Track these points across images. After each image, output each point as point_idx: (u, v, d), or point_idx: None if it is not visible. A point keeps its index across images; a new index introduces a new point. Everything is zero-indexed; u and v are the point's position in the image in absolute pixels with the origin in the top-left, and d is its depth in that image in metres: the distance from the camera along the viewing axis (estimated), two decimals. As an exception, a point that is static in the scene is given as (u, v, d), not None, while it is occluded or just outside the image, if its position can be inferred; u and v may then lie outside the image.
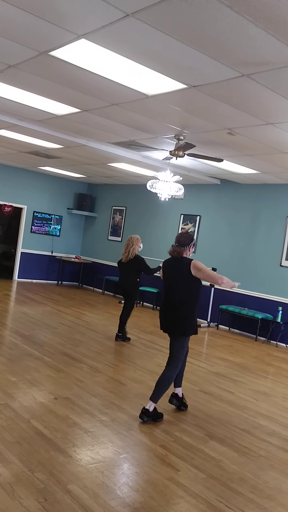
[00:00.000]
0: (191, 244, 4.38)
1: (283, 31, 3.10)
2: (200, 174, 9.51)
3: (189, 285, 4.27)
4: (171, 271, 4.40)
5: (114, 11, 3.18)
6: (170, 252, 4.39)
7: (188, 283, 4.26)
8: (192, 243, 4.38)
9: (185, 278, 4.24)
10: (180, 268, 4.28)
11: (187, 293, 4.28)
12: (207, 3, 2.89)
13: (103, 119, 6.09)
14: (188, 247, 4.35)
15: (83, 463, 3.29)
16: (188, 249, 4.36)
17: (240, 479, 3.40)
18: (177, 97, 4.76)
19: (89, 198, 13.54)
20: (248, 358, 7.36)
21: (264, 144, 6.20)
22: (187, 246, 4.33)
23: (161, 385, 4.27)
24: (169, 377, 4.32)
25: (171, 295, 4.35)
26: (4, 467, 3.07)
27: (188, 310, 4.29)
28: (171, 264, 4.42)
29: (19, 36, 3.82)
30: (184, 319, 4.27)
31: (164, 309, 4.42)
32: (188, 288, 4.28)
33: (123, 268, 7.29)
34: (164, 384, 4.28)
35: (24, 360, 5.53)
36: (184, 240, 4.34)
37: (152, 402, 4.24)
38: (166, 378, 4.30)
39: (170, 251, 4.38)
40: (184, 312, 4.27)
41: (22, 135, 7.75)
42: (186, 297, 4.29)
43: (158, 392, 4.25)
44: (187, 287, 4.28)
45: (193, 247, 4.42)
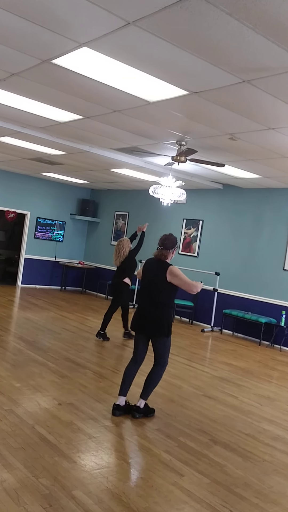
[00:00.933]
0: (175, 247, 4.46)
1: (283, 37, 3.12)
2: (202, 179, 9.54)
3: (166, 289, 4.35)
4: (151, 273, 4.47)
5: (115, 19, 3.21)
6: (156, 254, 4.46)
7: (165, 286, 4.34)
8: (176, 246, 4.47)
9: (162, 282, 4.33)
10: (160, 271, 4.35)
11: (164, 296, 4.37)
12: (208, 10, 2.92)
13: (105, 125, 6.13)
14: (172, 250, 4.43)
15: (88, 469, 3.29)
16: (172, 252, 4.44)
17: (245, 484, 3.40)
18: (179, 103, 4.80)
19: (92, 204, 13.59)
20: (252, 363, 7.35)
21: (266, 149, 6.22)
22: (171, 249, 4.41)
23: (151, 382, 4.46)
24: (158, 375, 4.49)
25: (150, 296, 4.40)
26: (9, 473, 3.08)
27: (167, 312, 4.40)
28: (152, 266, 4.49)
29: (22, 44, 3.87)
30: (161, 320, 4.35)
31: (142, 310, 4.45)
32: (166, 291, 4.36)
33: (118, 270, 7.60)
34: (153, 381, 4.47)
35: (28, 366, 5.54)
36: (169, 244, 4.41)
37: (142, 400, 4.42)
38: (156, 376, 4.47)
39: (157, 254, 4.45)
40: (163, 314, 4.36)
41: (25, 142, 7.80)
42: (163, 299, 4.37)
43: (147, 390, 4.45)
44: (165, 290, 4.36)
45: (176, 249, 4.49)
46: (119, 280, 7.51)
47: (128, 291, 7.73)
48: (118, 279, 7.54)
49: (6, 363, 5.56)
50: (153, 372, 4.48)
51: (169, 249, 4.40)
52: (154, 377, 4.47)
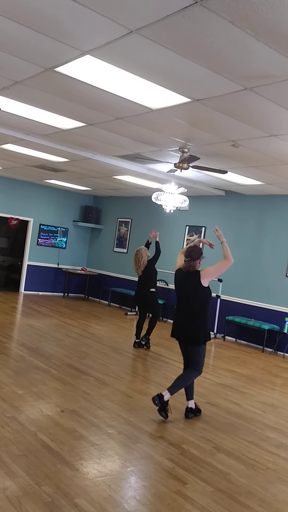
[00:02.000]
0: (201, 257, 4.75)
1: (285, 45, 3.14)
2: (204, 186, 9.55)
3: (201, 296, 4.65)
4: (184, 283, 4.75)
5: (118, 28, 3.24)
6: (186, 267, 4.71)
7: (200, 293, 4.63)
8: (201, 256, 4.75)
9: (197, 289, 4.62)
10: (193, 280, 4.63)
11: (200, 303, 4.65)
12: (209, 19, 2.94)
13: (108, 133, 6.16)
14: (199, 260, 4.72)
15: (90, 476, 3.28)
16: (199, 262, 4.73)
17: (248, 492, 3.37)
18: (181, 110, 4.82)
19: (95, 211, 13.62)
20: (255, 370, 7.32)
21: (268, 156, 6.23)
22: (197, 259, 4.70)
23: (181, 380, 4.65)
24: (191, 376, 4.70)
25: (185, 306, 4.71)
26: (11, 481, 3.06)
27: (203, 319, 4.66)
28: (183, 277, 4.75)
29: (25, 53, 3.90)
30: (198, 329, 4.63)
31: (180, 320, 4.75)
32: (201, 298, 4.66)
33: (140, 280, 7.75)
34: (184, 380, 4.66)
35: (30, 372, 5.53)
36: (195, 255, 4.69)
37: (168, 392, 4.54)
38: (187, 376, 4.69)
39: (186, 266, 4.70)
40: (200, 322, 4.64)
41: (28, 149, 7.84)
42: (200, 307, 4.65)
43: (176, 385, 4.61)
44: (200, 298, 4.65)
45: (202, 259, 4.78)
46: (145, 290, 7.65)
47: (156, 299, 7.88)
48: (143, 290, 7.69)
49: (8, 370, 5.55)
50: (186, 372, 4.74)
51: (196, 260, 4.67)
52: (185, 376, 4.68)
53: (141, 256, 7.59)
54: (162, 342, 8.37)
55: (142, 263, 7.57)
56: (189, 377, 4.70)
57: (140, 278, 7.74)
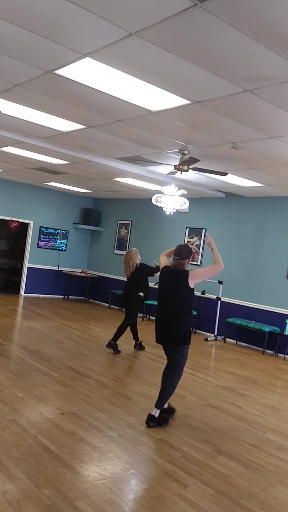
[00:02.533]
0: (190, 257, 4.59)
1: (284, 47, 3.14)
2: (204, 188, 9.56)
3: (187, 296, 4.49)
4: (170, 281, 4.58)
5: (118, 30, 3.24)
6: (174, 265, 4.57)
7: (186, 294, 4.48)
8: (191, 255, 4.59)
9: (184, 290, 4.46)
10: (180, 280, 4.48)
11: (184, 303, 4.49)
12: (209, 21, 2.95)
13: (108, 135, 6.16)
14: (188, 260, 4.56)
15: (91, 479, 3.27)
16: (188, 262, 4.57)
17: (249, 495, 3.36)
18: (181, 112, 4.82)
19: (95, 213, 13.62)
20: (256, 372, 7.31)
21: (268, 158, 6.23)
22: (187, 259, 4.55)
23: (165, 392, 4.49)
24: (173, 385, 4.54)
25: (168, 306, 4.51)
26: (11, 484, 3.05)
27: (187, 320, 4.50)
28: (170, 275, 4.60)
29: (25, 55, 3.90)
30: (183, 329, 4.46)
31: (162, 320, 4.57)
32: (186, 299, 4.50)
33: (128, 283, 7.50)
34: (167, 391, 4.50)
35: (31, 375, 5.52)
36: (185, 254, 4.54)
37: (157, 409, 4.43)
38: (170, 386, 4.52)
39: (175, 264, 4.56)
40: (183, 322, 4.47)
41: (28, 151, 7.85)
42: (183, 307, 4.48)
43: (162, 399, 4.47)
44: (185, 298, 4.50)
45: (191, 259, 4.61)
46: (132, 294, 7.37)
47: (139, 306, 7.60)
48: (130, 293, 7.41)
49: (9, 372, 5.54)
50: (167, 381, 4.53)
51: (185, 259, 4.53)
52: (168, 386, 4.52)
53: (131, 258, 7.35)
54: (163, 344, 8.35)
55: (131, 265, 7.33)
56: (172, 384, 4.53)
57: (129, 281, 7.46)
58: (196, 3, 2.77)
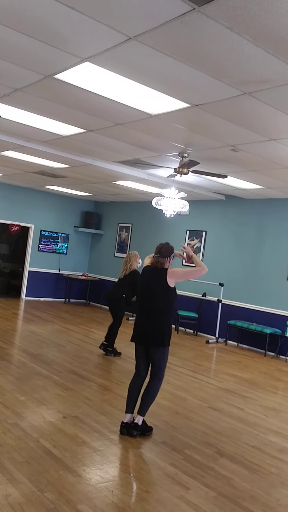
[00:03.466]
0: (172, 256, 4.42)
1: (283, 50, 3.16)
2: (204, 190, 9.57)
3: (166, 295, 4.31)
4: (149, 281, 4.42)
5: (116, 34, 3.26)
6: (153, 262, 4.41)
7: (165, 293, 4.30)
8: (172, 254, 4.42)
9: (163, 288, 4.29)
10: (159, 278, 4.32)
11: (165, 303, 4.31)
12: (207, 25, 2.96)
13: (108, 138, 6.18)
14: (169, 259, 4.39)
15: (93, 483, 3.27)
16: (169, 261, 4.39)
17: (251, 497, 3.36)
18: (180, 116, 4.84)
19: (96, 216, 13.64)
20: (257, 374, 7.30)
21: (268, 160, 6.25)
22: (167, 257, 4.37)
23: (148, 397, 4.31)
24: (156, 389, 4.34)
25: (149, 305, 4.34)
26: (13, 487, 3.06)
27: (167, 320, 4.31)
28: (150, 274, 4.43)
29: (25, 60, 3.92)
30: (162, 329, 4.28)
31: (143, 319, 4.38)
32: (166, 298, 4.32)
33: (118, 282, 7.43)
34: (150, 396, 4.32)
35: (32, 379, 5.53)
36: (165, 252, 4.38)
37: (140, 416, 4.26)
38: (153, 390, 4.33)
39: (153, 262, 4.40)
40: (163, 322, 4.29)
41: (28, 155, 7.87)
42: (164, 307, 4.30)
43: (145, 405, 4.29)
44: (165, 297, 4.32)
45: (173, 258, 4.44)
46: (117, 293, 7.30)
47: (123, 306, 7.45)
48: (114, 293, 7.34)
49: (10, 376, 5.55)
50: (150, 386, 4.34)
51: (166, 257, 4.35)
52: (151, 391, 4.33)
53: (129, 260, 7.30)
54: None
55: (128, 267, 7.27)
56: (155, 389, 4.34)
57: (120, 281, 7.36)
58: (194, 8, 2.79)
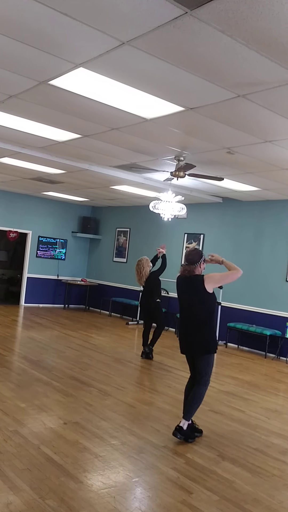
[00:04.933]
0: (201, 260, 4.30)
1: (275, 52, 3.17)
2: (202, 193, 9.58)
3: (206, 303, 4.25)
4: (186, 291, 4.36)
5: (110, 40, 3.27)
6: (181, 272, 4.35)
7: (204, 300, 4.23)
8: (202, 259, 4.31)
9: (202, 296, 4.21)
10: (195, 287, 4.24)
11: (205, 311, 4.26)
12: (200, 29, 2.97)
13: (104, 143, 6.19)
14: (199, 264, 4.28)
15: (94, 489, 3.25)
16: (199, 266, 4.29)
17: (254, 499, 3.35)
18: (176, 119, 4.85)
19: (93, 221, 13.64)
20: (258, 376, 7.29)
21: (264, 162, 6.26)
22: (197, 263, 4.27)
23: (193, 402, 4.29)
24: (201, 394, 4.31)
25: (190, 315, 4.30)
26: (15, 495, 3.04)
27: (209, 329, 4.29)
28: (185, 283, 4.36)
29: (19, 67, 3.93)
30: (207, 338, 4.25)
31: (184, 330, 4.37)
32: (206, 305, 4.26)
33: (145, 291, 7.66)
34: (195, 401, 4.29)
35: (32, 385, 5.51)
36: (193, 258, 4.27)
37: (185, 421, 4.25)
38: (198, 395, 4.30)
39: (181, 271, 4.34)
40: (206, 332, 4.25)
41: (25, 162, 7.87)
42: (205, 315, 4.25)
43: (190, 409, 4.27)
44: (205, 305, 4.25)
45: (204, 262, 4.34)
46: (149, 301, 7.56)
47: (161, 308, 7.80)
48: (147, 301, 7.60)
49: (10, 383, 5.53)
50: (195, 391, 4.30)
51: (195, 264, 4.26)
52: (196, 396, 4.29)
53: (143, 267, 7.49)
54: (164, 351, 8.34)
55: (144, 274, 7.47)
56: (200, 394, 4.30)
57: (145, 289, 7.65)
58: (187, 11, 2.80)
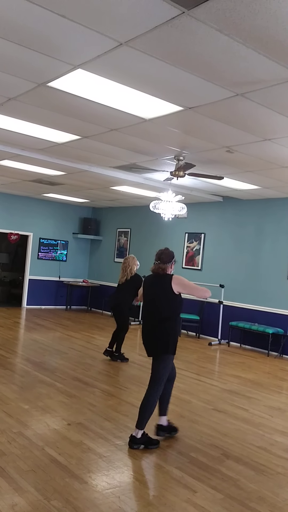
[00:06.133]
0: (173, 261, 4.34)
1: (273, 50, 3.18)
2: (202, 193, 9.59)
3: (171, 302, 4.19)
4: (153, 288, 4.32)
5: (108, 41, 3.28)
6: (153, 269, 4.34)
7: (170, 299, 4.18)
8: (173, 260, 4.34)
9: (168, 295, 4.17)
10: (162, 285, 4.21)
11: (169, 310, 4.19)
12: (197, 28, 2.98)
13: (103, 144, 6.20)
14: (170, 264, 4.31)
15: (99, 489, 3.26)
16: (170, 266, 4.31)
17: (259, 498, 3.35)
18: (174, 119, 4.86)
19: (94, 222, 13.66)
20: (261, 374, 7.29)
21: (263, 160, 6.26)
22: (168, 263, 4.29)
23: (144, 410, 4.08)
24: (152, 401, 4.11)
25: (153, 313, 4.23)
26: (20, 497, 3.05)
27: (171, 327, 4.17)
28: (153, 281, 4.35)
29: (18, 69, 3.94)
30: (167, 336, 4.12)
31: (145, 328, 4.28)
32: (170, 304, 4.19)
33: (119, 287, 7.38)
34: (146, 409, 4.08)
35: (36, 387, 5.52)
36: (166, 258, 4.30)
37: (138, 430, 4.05)
38: (149, 403, 4.09)
39: (154, 268, 4.33)
40: (167, 329, 4.14)
41: (25, 164, 7.89)
42: (168, 314, 4.17)
43: (142, 418, 4.07)
44: (170, 304, 4.19)
45: (174, 263, 4.37)
46: (120, 300, 7.27)
47: (127, 312, 7.40)
48: (118, 300, 7.30)
49: (13, 385, 5.54)
50: (145, 397, 4.13)
51: (167, 263, 4.27)
52: (145, 403, 4.10)
53: (128, 265, 7.25)
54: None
55: (128, 272, 7.21)
56: (153, 402, 4.11)
57: (120, 287, 7.31)
58: (184, 11, 2.81)
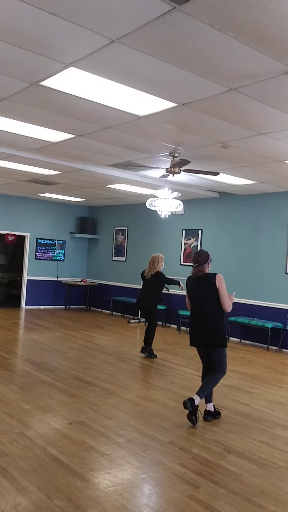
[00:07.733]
0: (209, 261, 4.77)
1: (265, 44, 3.17)
2: (198, 189, 9.58)
3: (217, 299, 4.66)
4: (198, 289, 4.77)
5: (99, 38, 3.27)
6: (194, 273, 4.76)
7: (216, 297, 4.65)
8: (209, 259, 4.78)
9: (214, 293, 4.64)
10: (208, 284, 4.67)
11: (217, 307, 4.67)
12: (189, 23, 2.97)
13: (98, 142, 6.19)
14: (207, 264, 4.74)
15: (102, 487, 3.26)
16: (207, 265, 4.76)
17: (262, 492, 3.35)
18: (168, 115, 4.85)
19: (91, 221, 13.64)
20: (261, 369, 7.30)
21: (259, 155, 6.26)
22: (205, 263, 4.73)
23: (207, 381, 4.69)
24: (217, 377, 4.73)
25: (203, 314, 4.71)
26: (22, 496, 3.05)
27: (221, 322, 4.72)
28: (196, 282, 4.78)
29: (9, 69, 3.92)
30: (220, 334, 4.68)
31: (198, 326, 4.76)
32: (217, 301, 4.66)
33: (145, 284, 7.61)
34: (209, 381, 4.69)
35: (36, 387, 5.51)
36: (202, 259, 4.73)
37: (198, 396, 4.56)
38: (214, 378, 4.72)
39: (194, 272, 4.75)
40: (219, 327, 4.68)
41: (20, 164, 7.87)
42: (217, 311, 4.68)
43: (203, 387, 4.65)
44: (217, 301, 4.66)
45: (210, 262, 4.79)
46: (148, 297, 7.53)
47: (156, 308, 7.72)
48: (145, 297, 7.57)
49: (14, 385, 5.53)
50: (212, 374, 4.74)
51: (203, 264, 4.70)
52: (212, 378, 4.70)
53: (157, 261, 7.51)
54: (167, 348, 8.35)
55: (156, 266, 7.48)
56: (216, 378, 4.74)
57: (146, 283, 7.59)
58: (175, 7, 2.80)
